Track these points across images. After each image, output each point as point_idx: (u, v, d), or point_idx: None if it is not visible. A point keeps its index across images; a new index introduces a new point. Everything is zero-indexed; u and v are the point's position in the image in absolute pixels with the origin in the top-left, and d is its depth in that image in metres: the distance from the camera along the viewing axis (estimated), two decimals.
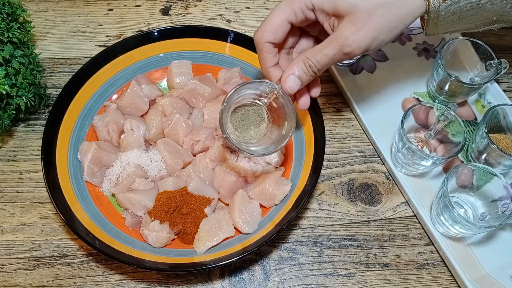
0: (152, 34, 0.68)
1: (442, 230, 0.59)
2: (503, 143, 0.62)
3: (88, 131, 0.63)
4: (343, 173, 0.65)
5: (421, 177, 0.64)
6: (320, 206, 0.63)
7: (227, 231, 0.56)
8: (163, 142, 0.62)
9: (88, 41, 0.76)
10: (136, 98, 0.64)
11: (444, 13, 0.48)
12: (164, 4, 0.82)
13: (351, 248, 0.60)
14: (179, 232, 0.57)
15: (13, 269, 0.56)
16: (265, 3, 0.83)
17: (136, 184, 0.58)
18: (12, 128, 0.67)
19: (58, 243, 0.58)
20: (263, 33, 0.50)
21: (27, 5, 0.77)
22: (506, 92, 0.69)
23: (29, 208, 0.61)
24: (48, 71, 0.73)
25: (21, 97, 0.62)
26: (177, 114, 0.63)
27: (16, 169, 0.64)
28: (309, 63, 0.49)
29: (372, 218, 0.62)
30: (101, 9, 0.80)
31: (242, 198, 0.58)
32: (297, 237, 0.60)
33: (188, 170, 0.61)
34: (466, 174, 0.59)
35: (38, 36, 0.76)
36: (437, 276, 0.58)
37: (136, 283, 0.56)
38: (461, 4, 0.47)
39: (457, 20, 0.49)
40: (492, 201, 0.58)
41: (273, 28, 0.50)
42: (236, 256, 0.52)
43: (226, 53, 0.69)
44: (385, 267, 0.58)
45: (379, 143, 0.65)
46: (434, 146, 0.64)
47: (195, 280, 0.56)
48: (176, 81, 0.67)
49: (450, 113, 0.59)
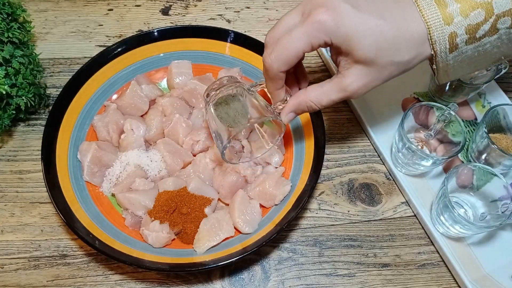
0: (152, 34, 0.68)
1: (442, 230, 0.59)
2: (503, 143, 0.62)
3: (88, 131, 0.63)
4: (343, 173, 0.65)
5: (421, 177, 0.64)
6: (320, 206, 0.63)
7: (227, 231, 0.56)
8: (163, 142, 0.62)
9: (88, 41, 0.76)
10: (136, 98, 0.64)
11: (453, 62, 0.48)
12: (164, 4, 0.82)
13: (351, 248, 0.60)
14: (179, 232, 0.57)
15: (13, 269, 0.56)
16: (265, 3, 0.83)
17: (136, 184, 0.58)
18: (12, 128, 0.67)
19: (58, 243, 0.58)
20: (278, 63, 0.47)
21: (27, 5, 0.77)
22: (506, 92, 0.69)
23: (29, 208, 0.61)
24: (48, 71, 0.73)
25: (21, 97, 0.62)
26: (177, 114, 0.63)
27: (16, 169, 0.64)
28: (312, 106, 0.51)
29: (372, 218, 0.62)
30: (101, 9, 0.80)
31: (242, 198, 0.58)
32: (297, 237, 0.60)
33: (188, 170, 0.61)
34: (466, 174, 0.59)
35: (38, 36, 0.76)
36: (437, 276, 0.58)
37: (136, 283, 0.56)
38: (469, 54, 0.47)
39: (467, 66, 0.49)
40: (492, 201, 0.58)
41: (289, 59, 0.47)
42: (236, 256, 0.52)
43: (226, 53, 0.69)
44: (385, 267, 0.58)
45: (379, 143, 0.65)
46: (434, 146, 0.64)
47: (195, 280, 0.56)
48: (176, 81, 0.67)
49: (450, 113, 0.59)
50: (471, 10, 0.44)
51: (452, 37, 0.45)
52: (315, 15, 0.44)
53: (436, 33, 0.45)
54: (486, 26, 0.45)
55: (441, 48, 0.46)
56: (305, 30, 0.45)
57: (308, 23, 0.45)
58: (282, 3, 0.83)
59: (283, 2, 0.83)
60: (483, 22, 0.44)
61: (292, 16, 0.48)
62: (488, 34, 0.45)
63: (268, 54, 0.48)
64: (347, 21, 0.44)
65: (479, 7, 0.44)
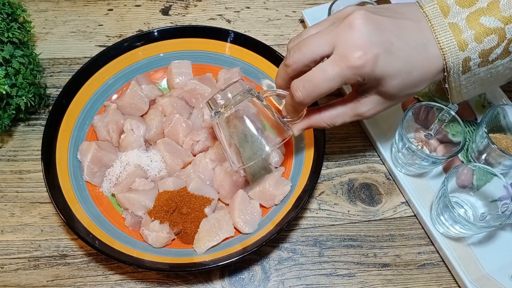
0: (152, 34, 0.68)
1: (442, 230, 0.59)
2: (503, 143, 0.62)
3: (88, 131, 0.63)
4: (343, 173, 0.65)
5: (421, 177, 0.64)
6: (320, 206, 0.63)
7: (227, 231, 0.56)
8: (163, 142, 0.62)
9: (88, 41, 0.76)
10: (136, 98, 0.64)
11: (465, 82, 0.49)
12: (164, 4, 0.82)
13: (351, 248, 0.60)
14: (179, 232, 0.57)
15: (13, 269, 0.56)
16: (265, 3, 0.83)
17: (136, 184, 0.58)
18: (12, 128, 0.67)
19: (58, 243, 0.58)
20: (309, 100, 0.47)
21: (27, 5, 0.77)
22: (506, 92, 0.69)
23: (29, 208, 0.61)
24: (48, 71, 0.73)
25: (21, 97, 0.62)
26: (177, 114, 0.63)
27: (16, 169, 0.64)
28: (325, 126, 0.53)
29: (372, 218, 0.62)
30: (101, 9, 0.80)
31: (242, 198, 0.58)
32: (297, 237, 0.60)
33: (188, 170, 0.61)
34: (466, 174, 0.59)
35: (38, 36, 0.76)
36: (437, 276, 0.58)
37: (136, 283, 0.56)
38: (481, 75, 0.48)
39: (479, 86, 0.50)
40: (492, 201, 0.58)
41: (320, 96, 0.47)
42: (236, 256, 0.52)
43: (226, 53, 0.69)
44: (385, 267, 0.58)
45: (379, 143, 0.65)
46: (434, 146, 0.64)
47: (195, 280, 0.56)
48: (176, 81, 0.67)
49: (450, 113, 0.59)
50: (485, 36, 0.45)
51: (466, 61, 0.46)
52: (353, 59, 0.44)
53: (451, 59, 0.46)
54: (498, 50, 0.46)
55: (454, 71, 0.47)
56: (341, 73, 0.45)
57: (344, 67, 0.44)
58: (282, 3, 0.83)
59: (283, 2, 0.83)
60: (496, 46, 0.46)
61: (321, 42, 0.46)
62: (501, 57, 0.46)
63: (299, 87, 0.47)
64: (380, 66, 0.45)
65: (493, 33, 0.45)
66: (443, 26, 0.46)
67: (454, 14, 0.46)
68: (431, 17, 0.46)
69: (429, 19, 0.46)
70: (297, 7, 0.82)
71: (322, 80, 0.45)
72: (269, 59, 0.68)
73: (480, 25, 0.45)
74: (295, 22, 0.81)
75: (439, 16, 0.46)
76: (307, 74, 0.47)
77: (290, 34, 0.79)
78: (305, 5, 0.82)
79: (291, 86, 0.48)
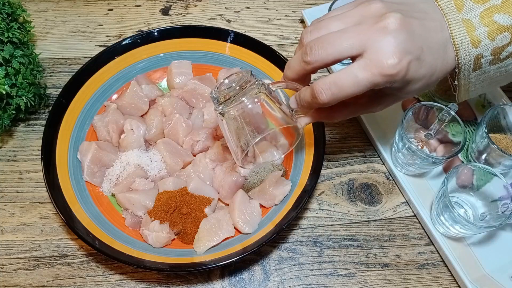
0: (152, 34, 0.68)
1: (442, 230, 0.59)
2: (503, 143, 0.62)
3: (88, 131, 0.63)
4: (343, 173, 0.65)
5: (421, 177, 0.64)
6: (320, 206, 0.63)
7: (227, 231, 0.56)
8: (163, 142, 0.62)
9: (88, 41, 0.76)
10: (136, 98, 0.64)
11: (475, 80, 0.49)
12: (164, 4, 0.82)
13: (351, 248, 0.60)
14: (179, 232, 0.57)
15: (13, 269, 0.56)
16: (265, 3, 0.83)
17: (136, 184, 0.58)
18: (12, 128, 0.67)
19: (58, 243, 0.58)
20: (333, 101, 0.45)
21: (27, 5, 0.77)
22: (506, 92, 0.69)
23: (29, 208, 0.61)
24: (48, 71, 0.73)
25: (21, 97, 0.62)
26: (177, 114, 0.63)
27: (16, 169, 0.64)
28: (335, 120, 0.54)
29: (372, 218, 0.62)
30: (101, 9, 0.80)
31: (242, 198, 0.58)
32: (297, 237, 0.60)
33: (188, 170, 0.61)
34: (466, 174, 0.59)
35: (38, 36, 0.76)
36: (437, 276, 0.58)
37: (136, 283, 0.56)
38: (491, 73, 0.48)
39: (487, 84, 0.50)
40: (492, 201, 0.58)
41: (344, 98, 0.45)
42: (236, 256, 0.52)
43: (226, 53, 0.69)
44: (385, 267, 0.58)
45: (379, 143, 0.65)
46: (434, 146, 0.64)
47: (195, 280, 0.56)
48: (176, 81, 0.67)
49: (450, 113, 0.59)
50: (498, 33, 0.45)
51: (477, 58, 0.46)
52: (387, 67, 0.42)
53: (464, 55, 0.46)
54: (510, 48, 0.46)
55: (465, 67, 0.47)
56: (372, 80, 0.43)
57: (376, 74, 0.42)
58: (282, 3, 0.83)
59: (283, 2, 0.83)
60: (508, 44, 0.46)
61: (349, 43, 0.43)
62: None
63: (325, 90, 0.44)
64: (410, 72, 0.44)
65: (506, 31, 0.45)
66: (458, 22, 0.45)
67: (468, 9, 0.45)
68: (446, 11, 0.46)
69: (445, 13, 0.46)
70: (297, 7, 0.82)
71: (350, 85, 0.43)
72: (269, 59, 0.68)
73: (494, 23, 0.45)
74: (295, 22, 0.81)
75: (453, 11, 0.46)
76: (334, 77, 0.44)
77: (290, 34, 0.79)
78: (305, 5, 0.82)
79: (315, 87, 0.45)
